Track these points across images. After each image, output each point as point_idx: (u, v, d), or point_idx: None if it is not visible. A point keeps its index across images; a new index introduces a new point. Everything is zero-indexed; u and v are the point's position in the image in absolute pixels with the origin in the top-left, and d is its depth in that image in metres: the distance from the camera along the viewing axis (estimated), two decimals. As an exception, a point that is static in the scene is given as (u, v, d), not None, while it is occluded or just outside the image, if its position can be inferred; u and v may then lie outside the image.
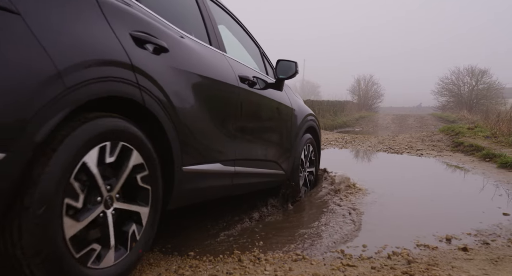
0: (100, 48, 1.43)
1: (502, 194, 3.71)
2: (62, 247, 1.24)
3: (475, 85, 28.76)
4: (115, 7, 1.59)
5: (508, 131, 7.45)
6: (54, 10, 1.30)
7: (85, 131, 1.33)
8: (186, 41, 2.04)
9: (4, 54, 1.11)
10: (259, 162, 2.71)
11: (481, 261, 2.05)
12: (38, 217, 1.17)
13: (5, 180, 1.10)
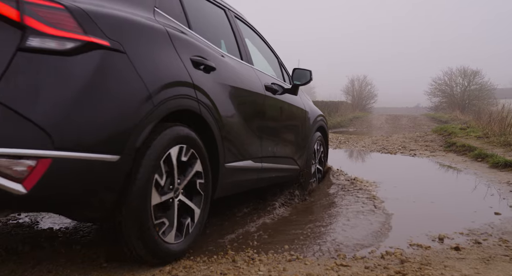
0: (173, 73, 1.85)
1: (494, 193, 3.75)
2: (148, 211, 1.68)
3: (467, 85, 29.03)
4: (180, 38, 2.01)
5: (500, 131, 7.53)
6: (144, 48, 1.73)
7: (165, 136, 1.77)
8: (226, 59, 2.47)
9: (117, 81, 1.55)
10: (279, 158, 3.10)
11: (473, 260, 2.07)
12: (138, 189, 1.64)
13: (121, 172, 1.60)
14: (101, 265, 1.97)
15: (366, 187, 3.89)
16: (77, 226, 2.66)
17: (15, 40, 1.38)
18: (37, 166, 1.35)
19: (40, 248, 2.21)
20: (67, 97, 1.43)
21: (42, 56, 1.42)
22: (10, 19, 1.38)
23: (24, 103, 1.36)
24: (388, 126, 16.44)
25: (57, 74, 1.43)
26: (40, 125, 1.37)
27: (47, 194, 1.42)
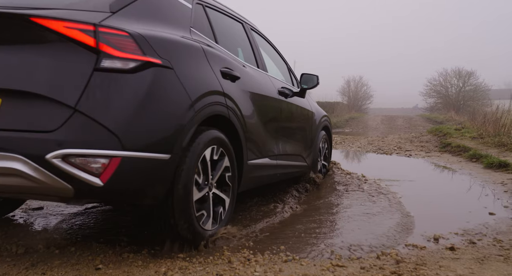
0: (208, 83, 2.16)
1: (488, 194, 3.78)
2: (191, 203, 2.00)
3: (462, 86, 29.23)
4: (212, 53, 2.32)
5: (494, 132, 7.59)
6: (186, 63, 2.04)
7: (203, 138, 2.08)
8: (247, 69, 2.78)
9: (167, 92, 1.88)
10: (291, 156, 3.42)
11: (468, 260, 2.08)
12: (183, 182, 1.95)
13: (171, 168, 1.90)
14: (96, 267, 1.96)
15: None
16: (71, 228, 2.65)
17: (92, 62, 1.71)
18: (110, 164, 1.67)
19: (34, 250, 2.20)
20: (131, 107, 1.76)
21: (112, 74, 1.74)
22: (88, 45, 1.71)
23: (99, 112, 1.69)
24: (383, 126, 16.51)
25: (123, 89, 1.75)
26: (112, 130, 1.69)
27: (118, 186, 1.73)
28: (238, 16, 3.12)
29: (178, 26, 2.20)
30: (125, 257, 2.12)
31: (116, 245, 2.30)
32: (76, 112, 1.67)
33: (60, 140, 1.62)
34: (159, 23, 2.06)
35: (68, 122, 1.65)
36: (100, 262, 2.03)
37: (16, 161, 1.59)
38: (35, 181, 1.62)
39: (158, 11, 2.13)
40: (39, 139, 1.63)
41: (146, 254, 2.17)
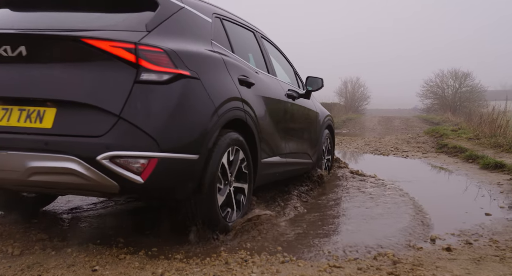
0: (229, 91, 2.40)
1: (485, 194, 3.80)
2: (215, 198, 2.25)
3: (458, 87, 29.34)
4: (230, 63, 2.56)
5: (490, 132, 7.63)
6: (209, 73, 2.28)
7: (225, 139, 2.31)
8: (260, 75, 3.00)
9: (195, 100, 2.11)
10: (298, 154, 3.65)
11: (464, 260, 2.09)
12: (209, 179, 2.19)
13: (198, 167, 2.13)
14: (92, 268, 1.96)
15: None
16: (68, 229, 2.64)
17: (133, 76, 1.96)
18: (149, 164, 1.91)
19: (30, 252, 2.19)
20: (166, 113, 2.00)
21: (149, 86, 1.98)
22: (130, 61, 1.96)
23: (140, 119, 1.93)
24: (380, 127, 16.56)
25: (159, 98, 1.99)
26: (150, 134, 1.93)
27: (155, 183, 1.96)
28: (249, 25, 3.36)
29: (201, 39, 2.45)
30: (122, 258, 2.11)
31: (113, 246, 2.30)
32: (120, 119, 1.92)
33: (107, 144, 1.88)
34: (186, 38, 2.32)
35: (114, 128, 1.91)
36: (96, 264, 2.02)
37: (71, 162, 1.85)
38: (87, 179, 1.87)
39: (184, 27, 2.36)
40: (90, 143, 1.89)
41: (143, 256, 2.16)
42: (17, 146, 1.89)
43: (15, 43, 1.96)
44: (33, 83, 1.98)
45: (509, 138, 6.69)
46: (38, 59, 2.00)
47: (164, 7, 2.25)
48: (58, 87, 1.96)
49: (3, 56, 1.97)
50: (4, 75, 2.00)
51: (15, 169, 1.89)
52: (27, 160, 1.86)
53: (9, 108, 1.97)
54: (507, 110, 8.28)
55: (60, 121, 1.93)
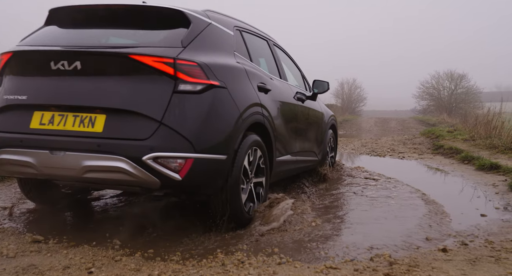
0: (250, 97, 2.69)
1: (480, 195, 3.81)
2: (239, 192, 2.53)
3: (454, 89, 29.47)
4: (251, 72, 2.86)
5: (486, 134, 7.67)
6: (235, 82, 2.57)
7: (247, 141, 2.58)
8: (274, 81, 3.29)
9: (223, 107, 2.41)
10: (306, 152, 3.96)
11: (460, 261, 2.10)
12: (234, 177, 2.47)
13: (226, 166, 2.41)
14: (88, 270, 1.95)
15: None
16: (62, 231, 2.62)
17: (171, 87, 2.25)
18: (186, 163, 2.19)
19: (25, 254, 2.17)
20: (200, 119, 2.29)
21: (185, 95, 2.27)
22: (169, 74, 2.25)
23: (178, 124, 2.22)
24: (377, 129, 16.59)
25: (193, 106, 2.28)
26: (187, 138, 2.22)
27: (191, 180, 2.24)
28: (263, 34, 3.67)
29: (226, 51, 2.74)
30: (118, 260, 2.10)
31: (109, 248, 2.29)
32: (161, 125, 2.20)
33: (151, 146, 2.16)
34: (214, 51, 2.60)
35: (156, 132, 2.19)
36: (92, 265, 2.01)
37: (120, 161, 2.14)
38: (133, 176, 2.16)
39: (212, 41, 2.64)
40: (137, 145, 2.17)
41: (139, 257, 2.16)
42: (73, 148, 2.20)
43: (71, 59, 2.28)
44: (86, 93, 2.28)
45: (504, 139, 6.73)
46: (90, 72, 2.30)
47: (195, 24, 2.54)
48: (107, 96, 2.26)
49: (60, 70, 2.29)
50: (61, 86, 2.32)
51: (72, 167, 2.20)
52: (82, 159, 2.18)
53: (65, 114, 2.29)
54: (502, 112, 8.32)
55: (110, 126, 2.22)
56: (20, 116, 2.36)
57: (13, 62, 2.47)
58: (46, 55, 2.36)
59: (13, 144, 2.29)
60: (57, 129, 2.27)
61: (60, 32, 2.68)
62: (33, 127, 2.30)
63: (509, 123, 7.49)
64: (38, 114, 2.32)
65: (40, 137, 2.27)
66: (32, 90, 2.37)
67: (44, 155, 2.23)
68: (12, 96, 2.40)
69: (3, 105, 2.43)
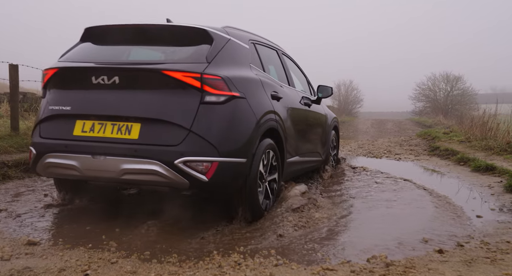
0: (265, 105, 2.96)
1: (476, 197, 3.83)
2: (256, 190, 2.79)
3: (450, 91, 29.61)
4: (265, 82, 3.13)
5: (481, 135, 7.70)
6: (252, 93, 2.83)
7: (262, 145, 2.85)
8: (284, 88, 3.57)
9: (243, 115, 2.67)
10: (312, 153, 4.25)
11: (456, 262, 2.11)
12: (252, 177, 2.73)
13: (246, 168, 2.67)
14: (84, 273, 1.93)
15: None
16: (57, 233, 2.61)
17: (198, 98, 2.53)
18: (211, 166, 2.48)
19: (20, 256, 2.16)
20: (223, 127, 2.56)
21: (211, 105, 2.54)
22: (197, 87, 2.53)
23: (205, 132, 2.49)
24: (373, 130, 16.65)
25: (218, 115, 2.55)
26: (212, 144, 2.49)
27: (216, 181, 2.50)
28: (273, 45, 3.96)
29: (243, 64, 3.02)
30: (114, 262, 2.09)
31: (105, 250, 2.28)
32: (190, 132, 2.47)
33: (182, 151, 2.44)
34: (234, 65, 2.86)
35: (186, 139, 2.46)
36: (88, 268, 2.00)
37: (155, 165, 2.42)
38: (166, 178, 2.44)
39: (232, 56, 2.90)
40: (169, 150, 2.44)
41: (135, 259, 2.15)
42: (113, 152, 2.48)
43: (110, 74, 2.56)
44: (123, 104, 2.56)
45: (499, 141, 6.77)
46: (127, 85, 2.58)
47: (217, 41, 2.81)
48: (142, 107, 2.53)
49: (100, 84, 2.58)
50: (100, 98, 2.61)
51: (112, 170, 2.49)
52: (121, 163, 2.46)
53: (104, 123, 2.58)
54: (498, 113, 8.37)
55: (144, 133, 2.50)
56: (64, 125, 2.66)
57: (58, 76, 2.77)
58: (88, 71, 2.65)
59: (58, 149, 2.60)
60: (97, 136, 2.56)
61: (96, 49, 2.98)
62: (76, 134, 2.60)
63: (504, 124, 7.53)
64: (80, 123, 2.62)
65: (83, 143, 2.57)
66: (75, 101, 2.67)
67: (87, 159, 2.52)
68: (57, 107, 2.70)
69: (49, 115, 2.72)
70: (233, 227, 2.76)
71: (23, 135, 5.34)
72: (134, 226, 2.71)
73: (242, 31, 3.33)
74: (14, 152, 4.80)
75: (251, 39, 3.36)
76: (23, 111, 6.96)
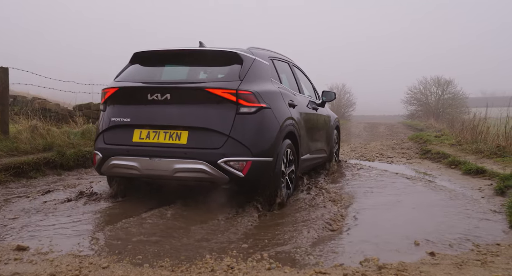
0: (285, 113, 3.51)
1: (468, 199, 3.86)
2: (280, 184, 3.33)
3: (441, 94, 29.98)
4: (284, 93, 3.69)
5: (472, 139, 7.79)
6: (275, 103, 3.36)
7: (284, 145, 3.40)
8: (297, 96, 4.14)
9: (269, 122, 3.25)
10: (318, 151, 4.85)
11: (447, 265, 2.13)
12: (277, 173, 3.28)
13: (272, 166, 3.23)
14: (74, 278, 1.91)
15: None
16: (49, 237, 2.57)
17: (234, 110, 3.10)
18: (246, 164, 3.05)
19: (8, 262, 2.12)
20: (254, 132, 3.14)
21: (244, 115, 3.11)
22: (233, 101, 3.09)
23: (240, 136, 3.06)
24: (366, 133, 16.75)
25: (250, 123, 3.12)
26: (247, 146, 3.07)
27: (250, 176, 3.07)
28: (285, 58, 4.57)
29: (266, 79, 3.55)
30: (105, 267, 2.07)
31: (96, 254, 2.25)
32: (229, 137, 3.05)
33: (223, 153, 3.02)
34: (259, 80, 3.40)
35: (226, 143, 3.04)
36: (79, 273, 1.98)
37: (202, 164, 3.01)
38: (210, 175, 3.02)
39: (258, 73, 3.44)
40: (213, 152, 3.02)
41: (127, 264, 2.13)
42: (166, 155, 3.06)
43: (163, 92, 3.14)
44: (173, 116, 3.13)
45: (489, 144, 6.86)
46: (176, 100, 3.14)
47: (246, 61, 3.38)
48: (189, 118, 3.10)
49: (155, 100, 3.15)
50: (154, 111, 3.18)
51: (166, 169, 3.06)
52: (174, 163, 3.04)
53: (158, 131, 3.15)
54: (488, 117, 8.48)
55: (192, 139, 3.07)
56: (124, 133, 3.23)
57: (118, 94, 3.33)
58: (145, 89, 3.21)
59: (121, 153, 3.17)
60: (153, 142, 3.13)
61: (144, 70, 3.56)
62: (135, 141, 3.17)
63: (494, 128, 7.64)
64: (137, 131, 3.19)
65: (141, 148, 3.13)
66: (133, 114, 3.24)
67: (145, 160, 3.09)
68: (118, 119, 3.27)
69: (111, 125, 3.29)
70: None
71: (13, 139, 5.28)
72: (126, 231, 2.68)
73: (263, 50, 3.94)
74: (4, 156, 4.74)
75: (270, 56, 3.94)
76: (13, 114, 6.89)
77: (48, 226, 2.79)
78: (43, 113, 6.90)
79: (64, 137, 5.84)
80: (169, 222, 2.88)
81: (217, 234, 2.64)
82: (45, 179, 4.57)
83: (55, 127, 6.32)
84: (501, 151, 6.36)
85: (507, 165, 5.37)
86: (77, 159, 5.22)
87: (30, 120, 6.15)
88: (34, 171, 4.61)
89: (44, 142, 5.42)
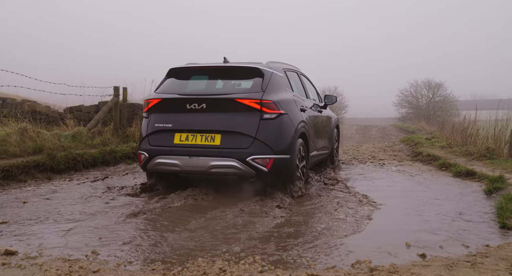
0: (299, 117, 4.18)
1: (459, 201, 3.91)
2: (295, 178, 4.03)
3: (432, 97, 30.28)
4: (296, 101, 4.31)
5: (462, 141, 7.88)
6: (290, 109, 4.05)
7: (297, 144, 4.07)
8: (305, 102, 4.75)
9: (287, 125, 3.92)
10: (323, 148, 5.49)
11: (438, 267, 2.14)
12: (293, 168, 3.96)
13: (289, 162, 3.89)
14: (64, 283, 1.88)
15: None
16: (38, 242, 2.54)
17: (259, 116, 3.74)
18: (269, 161, 3.67)
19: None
20: (275, 134, 3.75)
21: (267, 120, 3.73)
22: (258, 109, 3.73)
23: (264, 138, 3.68)
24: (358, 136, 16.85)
25: (271, 126, 3.74)
26: (270, 146, 3.69)
27: (272, 171, 3.69)
28: (293, 68, 5.18)
29: (282, 89, 4.15)
30: (96, 271, 2.05)
31: (86, 258, 2.23)
32: (255, 139, 3.67)
33: (251, 151, 3.64)
34: (278, 91, 4.01)
35: (253, 143, 3.67)
36: None
37: (233, 162, 3.63)
38: (240, 170, 3.64)
39: (276, 84, 4.07)
40: (242, 152, 3.65)
41: (118, 268, 2.11)
42: (204, 154, 3.70)
43: (200, 102, 3.78)
44: (208, 122, 3.77)
45: (479, 147, 6.95)
46: (211, 109, 3.77)
47: (266, 75, 4.03)
48: (221, 123, 3.74)
49: (192, 109, 3.80)
50: (192, 118, 3.81)
51: (203, 166, 3.69)
52: (210, 161, 3.67)
53: (195, 134, 3.80)
54: (477, 120, 8.59)
55: (224, 141, 3.71)
56: (166, 136, 3.86)
57: (160, 104, 3.97)
58: (184, 100, 3.86)
59: (164, 153, 3.81)
60: (191, 143, 3.77)
61: (180, 83, 4.22)
62: (176, 143, 3.82)
63: (484, 131, 7.74)
64: (178, 135, 3.84)
65: (182, 148, 3.77)
66: (174, 121, 3.87)
67: (185, 159, 3.73)
68: (161, 125, 3.91)
69: (155, 130, 3.92)
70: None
71: (2, 142, 5.20)
72: (119, 234, 2.65)
73: (277, 63, 4.59)
74: (-7, 159, 4.66)
75: (283, 68, 4.56)
76: (2, 117, 6.79)
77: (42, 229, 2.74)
78: (33, 116, 6.81)
79: (54, 139, 5.77)
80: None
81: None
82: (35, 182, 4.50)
83: (45, 129, 6.23)
84: (490, 154, 6.45)
85: (496, 167, 5.44)
86: (67, 162, 5.16)
87: (20, 122, 6.07)
88: (24, 174, 4.55)
89: (34, 145, 5.35)
